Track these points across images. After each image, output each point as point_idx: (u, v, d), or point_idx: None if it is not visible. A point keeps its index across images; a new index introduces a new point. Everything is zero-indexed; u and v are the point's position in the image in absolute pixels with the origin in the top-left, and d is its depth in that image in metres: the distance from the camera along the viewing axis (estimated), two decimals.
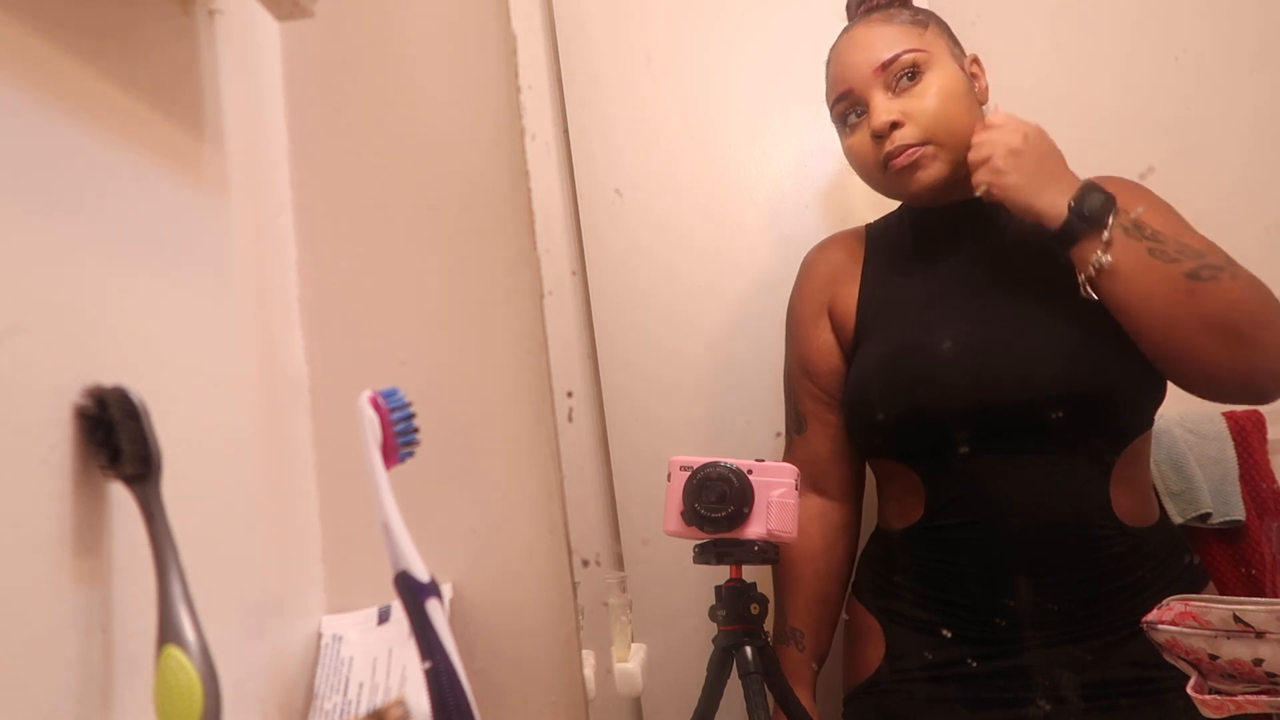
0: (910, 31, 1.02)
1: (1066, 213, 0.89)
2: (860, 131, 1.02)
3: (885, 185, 1.03)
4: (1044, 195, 0.91)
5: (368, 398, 0.59)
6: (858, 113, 1.02)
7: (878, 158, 1.00)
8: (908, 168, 0.98)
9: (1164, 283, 0.87)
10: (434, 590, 0.59)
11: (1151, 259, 0.88)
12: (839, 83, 1.04)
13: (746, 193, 1.32)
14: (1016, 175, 0.92)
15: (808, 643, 1.07)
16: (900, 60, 0.99)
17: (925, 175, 0.99)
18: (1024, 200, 0.91)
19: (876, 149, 1.00)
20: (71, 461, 0.49)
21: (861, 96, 1.01)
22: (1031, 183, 0.91)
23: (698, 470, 0.91)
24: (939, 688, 0.99)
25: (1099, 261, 0.88)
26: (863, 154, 1.02)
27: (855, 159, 1.04)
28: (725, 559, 0.93)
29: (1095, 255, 0.88)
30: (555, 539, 0.82)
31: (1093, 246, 0.89)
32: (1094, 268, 0.89)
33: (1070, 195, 0.90)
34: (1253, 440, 1.19)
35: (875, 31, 1.03)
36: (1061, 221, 0.89)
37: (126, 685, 0.52)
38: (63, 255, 0.52)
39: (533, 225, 0.85)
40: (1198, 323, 0.86)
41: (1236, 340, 0.86)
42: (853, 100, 1.02)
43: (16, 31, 0.50)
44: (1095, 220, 0.89)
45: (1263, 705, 0.68)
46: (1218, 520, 1.15)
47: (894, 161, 0.98)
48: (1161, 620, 0.73)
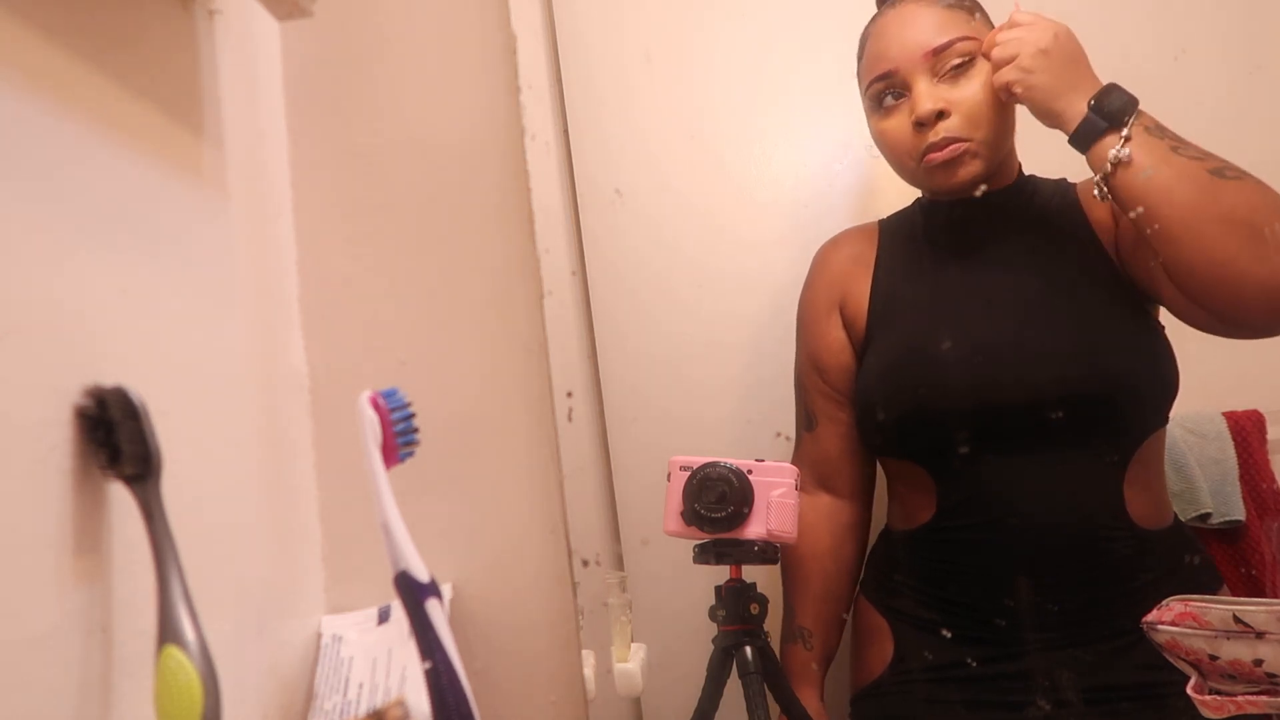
0: (961, 17, 0.98)
1: (1085, 113, 0.87)
2: (897, 115, 0.98)
3: (916, 174, 1.01)
4: (1066, 96, 0.88)
5: (368, 398, 0.59)
6: (895, 94, 0.98)
7: (916, 146, 0.97)
8: (949, 163, 0.95)
9: (1186, 178, 0.84)
10: (434, 590, 0.59)
11: (1174, 155, 0.85)
12: (881, 61, 0.99)
13: (746, 192, 1.32)
14: (1043, 75, 0.89)
15: (816, 642, 1.07)
16: (955, 48, 0.95)
17: (965, 172, 0.96)
18: (1046, 101, 0.89)
19: (916, 137, 0.97)
20: (71, 461, 0.49)
21: (906, 80, 0.97)
22: (1057, 83, 0.89)
23: (698, 470, 0.91)
24: (940, 688, 0.99)
25: (1117, 155, 0.85)
26: (899, 140, 0.99)
27: (888, 143, 1.01)
28: (725, 559, 0.93)
29: (1113, 152, 0.85)
30: (555, 539, 0.82)
31: (1111, 143, 0.86)
32: (1111, 162, 0.86)
33: (1093, 93, 0.88)
34: (1253, 440, 1.19)
35: (926, 12, 0.98)
36: (1081, 119, 0.87)
37: (126, 685, 0.52)
38: (62, 255, 0.52)
39: (533, 225, 0.85)
40: (1222, 218, 0.83)
41: (1260, 239, 0.81)
42: (894, 82, 0.98)
43: (17, 31, 0.50)
44: (1114, 118, 0.86)
45: (1263, 705, 0.68)
46: (1218, 520, 1.15)
47: (935, 154, 0.95)
48: (1161, 621, 0.73)
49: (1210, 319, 0.88)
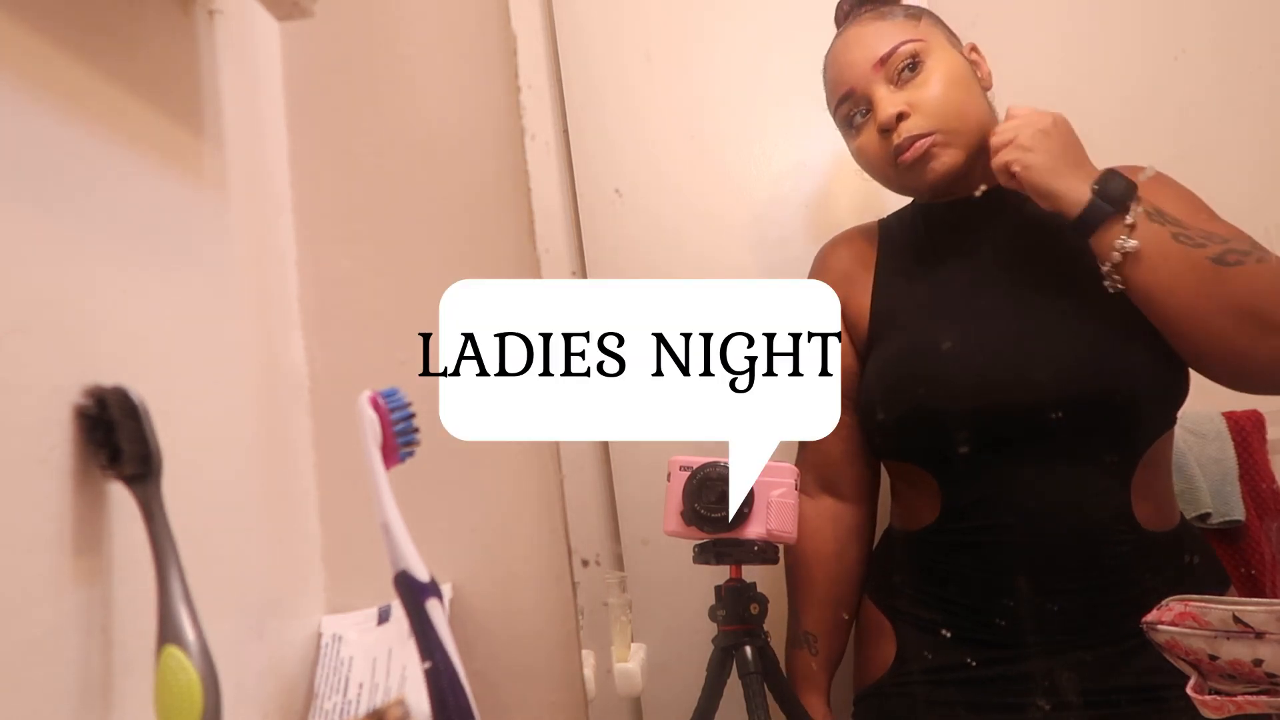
0: (905, 25, 1.01)
1: (1088, 197, 0.87)
2: (867, 130, 1.01)
3: (898, 181, 1.02)
4: (1066, 179, 0.89)
5: (368, 398, 0.59)
6: (862, 112, 1.01)
7: (887, 153, 0.98)
8: (920, 160, 0.97)
9: (1190, 269, 0.85)
10: (434, 590, 0.59)
11: (1176, 244, 0.85)
12: (839, 85, 1.03)
13: (746, 192, 1.32)
14: (1042, 155, 0.89)
15: (820, 647, 1.06)
16: (899, 52, 0.98)
17: (938, 165, 0.97)
18: (1046, 182, 0.89)
19: (885, 144, 0.98)
20: (71, 461, 0.49)
21: (864, 94, 1.00)
22: (1056, 165, 0.89)
23: (697, 470, 0.91)
24: (940, 690, 0.98)
25: (1123, 247, 0.86)
26: (872, 152, 1.01)
27: (865, 159, 1.03)
28: (725, 559, 0.93)
29: (1119, 241, 0.86)
30: (555, 539, 0.82)
31: (1115, 232, 0.86)
32: (1118, 254, 0.86)
33: (1091, 181, 0.88)
34: (1253, 440, 1.19)
35: (870, 29, 1.02)
36: (1084, 206, 0.88)
37: (126, 685, 0.52)
38: (63, 255, 0.52)
39: (533, 225, 0.85)
40: (1225, 309, 0.84)
41: (1266, 326, 0.83)
42: (856, 100, 1.01)
43: (16, 31, 0.50)
44: (1117, 204, 0.87)
45: (1262, 706, 0.68)
46: (1218, 520, 1.15)
47: (904, 156, 0.97)
48: (1161, 621, 0.73)
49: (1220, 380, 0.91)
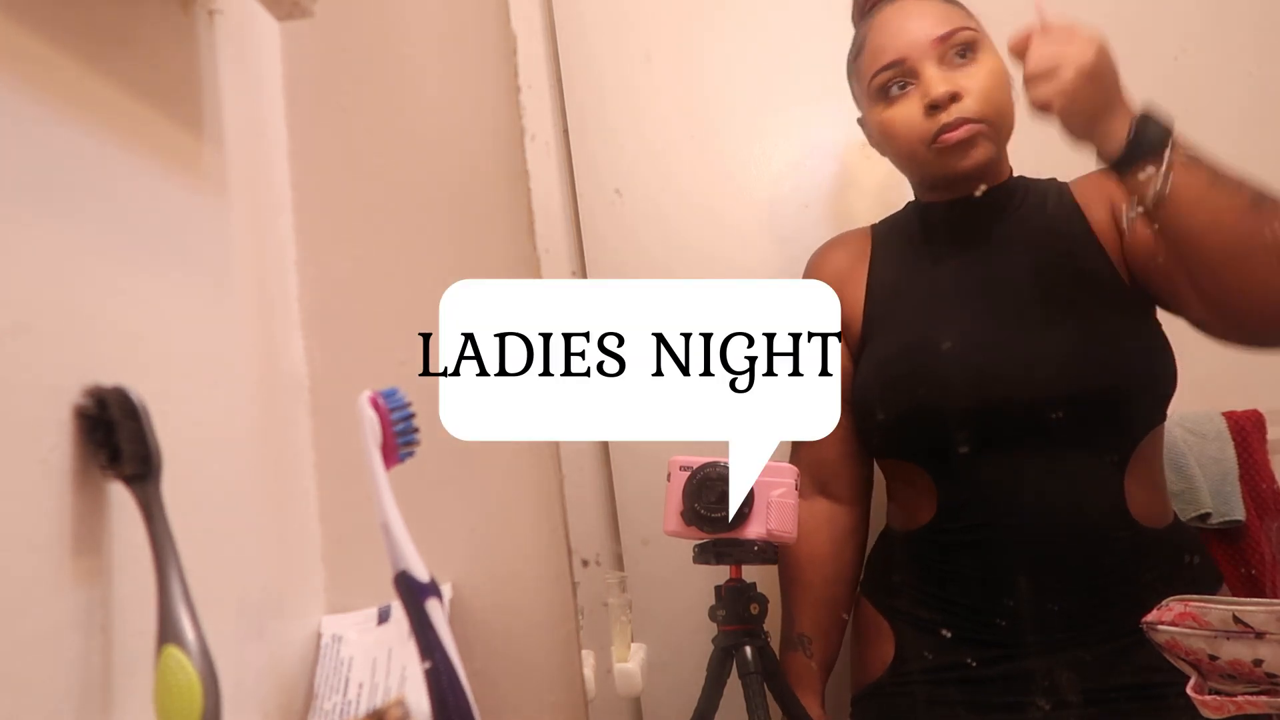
0: (963, 12, 1.01)
1: (1125, 140, 0.85)
2: (904, 103, 0.99)
3: (927, 161, 1.00)
4: (1105, 121, 0.86)
5: (368, 398, 0.59)
6: (901, 84, 0.99)
7: (929, 130, 0.97)
8: (963, 143, 0.96)
9: (1229, 208, 0.83)
10: (434, 590, 0.59)
11: (1215, 185, 0.84)
12: (885, 52, 1.00)
13: (746, 192, 1.32)
14: (1084, 103, 0.85)
15: (816, 649, 1.06)
16: (959, 36, 0.97)
17: (977, 154, 0.96)
18: (1084, 125, 0.86)
19: (928, 122, 0.97)
20: (71, 461, 0.49)
21: (913, 67, 0.98)
22: (1097, 109, 0.86)
23: (697, 470, 0.91)
24: (940, 689, 0.98)
25: (1160, 190, 0.84)
26: (908, 126, 0.99)
27: (896, 132, 1.00)
28: (725, 559, 0.93)
29: (1155, 181, 0.84)
30: (555, 539, 0.82)
31: (1152, 173, 0.84)
32: (1154, 195, 0.84)
33: (1129, 120, 0.85)
34: (1253, 440, 1.19)
35: (930, 5, 1.01)
36: (1121, 148, 0.85)
37: (126, 685, 0.52)
38: (62, 255, 0.52)
39: (533, 225, 0.85)
40: (1266, 247, 0.82)
41: None
42: (902, 70, 0.99)
43: (16, 32, 0.50)
44: (1155, 147, 0.85)
45: (1263, 706, 0.68)
46: (1218, 520, 1.15)
47: (949, 135, 0.96)
48: (1161, 621, 0.73)
49: (1231, 331, 0.89)
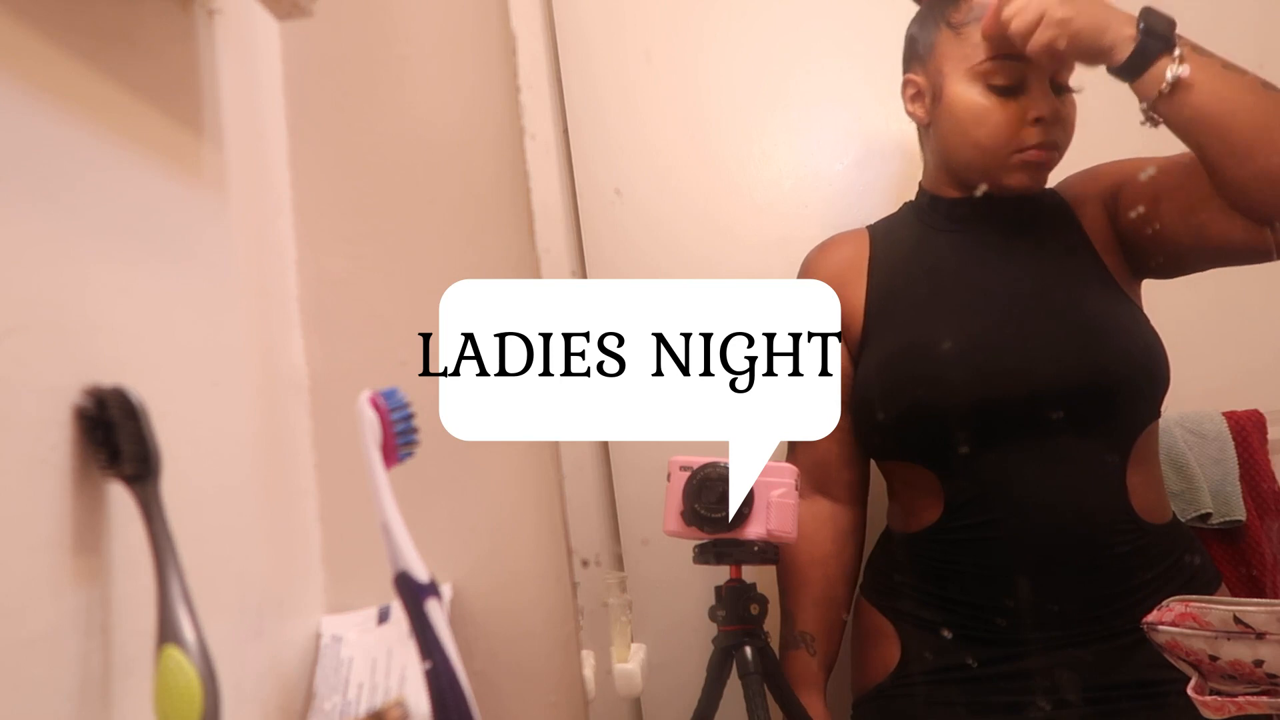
0: None
1: (1136, 34, 0.86)
2: (1006, 103, 0.98)
3: (999, 164, 1.00)
4: (1110, 28, 0.87)
5: (368, 398, 0.59)
6: (1009, 88, 0.98)
7: (1022, 140, 0.97)
8: (1040, 165, 0.98)
9: (1246, 90, 0.84)
10: (434, 590, 0.59)
11: (1227, 67, 0.85)
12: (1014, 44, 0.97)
13: (746, 192, 1.32)
14: (1080, 19, 0.86)
15: (819, 647, 1.06)
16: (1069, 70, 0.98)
17: (1041, 179, 0.99)
18: (1092, 40, 0.87)
19: (1026, 132, 0.97)
20: (71, 461, 0.49)
21: (1030, 76, 0.97)
22: (1095, 20, 0.87)
23: (697, 470, 0.91)
24: (940, 690, 0.98)
25: (1175, 75, 0.84)
26: (1002, 125, 0.98)
27: (988, 122, 0.99)
28: (725, 559, 0.93)
29: (1170, 70, 0.84)
30: (555, 539, 0.82)
31: (1165, 65, 0.85)
32: (1169, 84, 0.84)
33: (1132, 21, 0.86)
34: (1253, 440, 1.19)
35: None
36: (1133, 45, 0.86)
37: (126, 685, 0.51)
38: (62, 255, 0.52)
39: (532, 225, 0.85)
40: None
41: None
42: (1019, 74, 0.98)
43: (16, 31, 0.50)
44: (1164, 38, 0.86)
45: (1263, 706, 0.68)
46: (1218, 520, 1.15)
47: (1036, 154, 0.97)
48: (1161, 621, 0.73)
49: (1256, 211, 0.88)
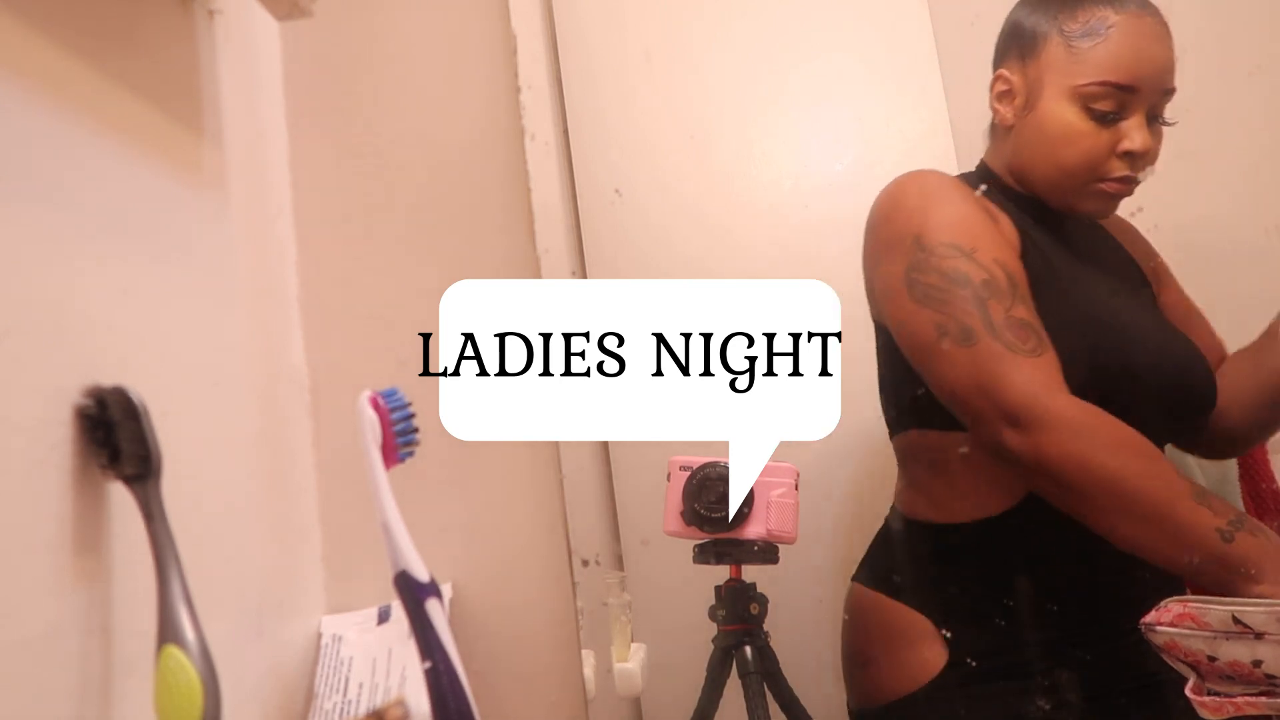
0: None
1: None
2: (1103, 131, 0.93)
3: (1077, 187, 0.96)
4: None
5: (368, 398, 0.59)
6: (1113, 114, 0.93)
7: (1106, 170, 0.94)
8: (1115, 196, 0.95)
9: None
10: (434, 590, 0.59)
11: None
12: (1128, 73, 0.92)
13: (746, 193, 1.32)
14: None
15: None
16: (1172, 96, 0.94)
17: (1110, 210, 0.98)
18: None
19: (1112, 163, 0.93)
20: (71, 461, 0.49)
21: (1135, 106, 0.93)
22: None
23: (697, 470, 0.91)
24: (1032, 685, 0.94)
25: None
26: (1088, 153, 0.93)
27: (1078, 146, 0.94)
28: (725, 559, 0.93)
29: None
30: (555, 539, 0.83)
31: None
32: None
33: None
34: None
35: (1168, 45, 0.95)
36: None
37: (126, 685, 0.52)
38: (62, 255, 0.52)
39: (532, 225, 0.85)
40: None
41: None
42: (1125, 102, 0.93)
43: (17, 31, 0.50)
44: None
45: (1262, 707, 0.68)
46: None
47: (1117, 186, 0.94)
48: (1160, 622, 0.73)
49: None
